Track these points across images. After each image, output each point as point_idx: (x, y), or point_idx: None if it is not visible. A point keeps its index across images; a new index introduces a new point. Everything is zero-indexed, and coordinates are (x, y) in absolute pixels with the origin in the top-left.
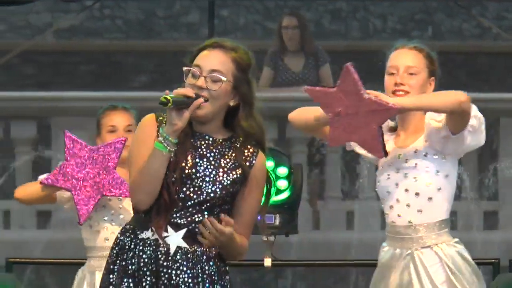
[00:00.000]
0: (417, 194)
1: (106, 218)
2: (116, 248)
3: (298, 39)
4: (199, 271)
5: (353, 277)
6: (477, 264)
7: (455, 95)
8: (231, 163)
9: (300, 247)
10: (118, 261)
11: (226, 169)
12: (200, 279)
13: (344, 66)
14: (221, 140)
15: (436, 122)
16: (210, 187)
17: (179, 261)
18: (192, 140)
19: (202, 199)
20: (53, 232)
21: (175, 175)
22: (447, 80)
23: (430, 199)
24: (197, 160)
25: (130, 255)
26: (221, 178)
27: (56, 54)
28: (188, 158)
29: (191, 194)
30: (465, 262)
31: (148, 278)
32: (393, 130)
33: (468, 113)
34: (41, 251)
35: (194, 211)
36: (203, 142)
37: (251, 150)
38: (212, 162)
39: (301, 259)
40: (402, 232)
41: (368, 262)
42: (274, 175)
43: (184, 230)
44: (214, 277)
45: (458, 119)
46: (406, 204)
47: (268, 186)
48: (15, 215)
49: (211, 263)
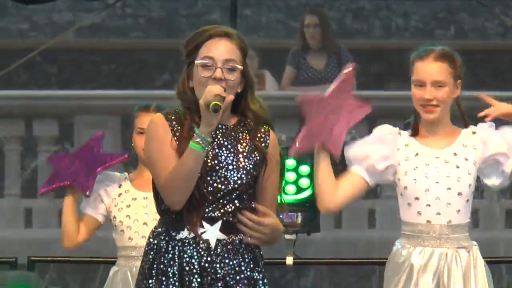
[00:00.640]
0: (459, 194)
1: (130, 218)
2: (151, 252)
3: (320, 37)
4: (240, 259)
5: (375, 275)
6: (500, 263)
7: None
8: (248, 146)
9: (322, 245)
10: (155, 265)
11: (245, 153)
12: (243, 268)
13: (349, 68)
14: (232, 126)
15: (502, 150)
16: (235, 174)
17: (221, 254)
18: None
19: (230, 188)
20: None
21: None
22: (469, 79)
23: (468, 200)
24: (216, 150)
25: (169, 257)
26: (243, 163)
27: (78, 53)
28: (208, 151)
29: (219, 186)
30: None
31: (194, 277)
32: (414, 134)
33: None
34: (63, 249)
35: (225, 202)
36: (218, 132)
37: (262, 130)
38: (231, 150)
39: (323, 257)
40: (439, 231)
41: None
42: (296, 173)
43: (219, 222)
44: (251, 264)
45: None
46: (447, 203)
47: (281, 164)
48: (37, 213)
49: (249, 250)
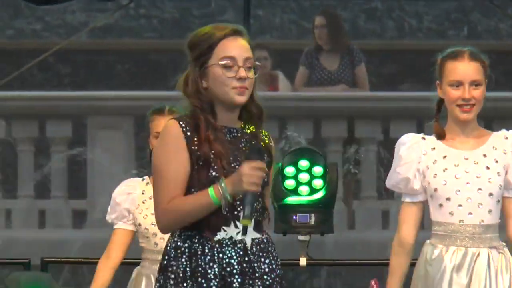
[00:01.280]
0: (490, 194)
1: (155, 225)
2: (184, 256)
3: (326, 38)
4: (271, 257)
5: (388, 276)
6: None
7: None
8: (258, 146)
9: (335, 246)
10: (189, 268)
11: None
12: (274, 266)
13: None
14: (241, 128)
15: None
16: None
17: (256, 253)
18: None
19: None
20: (89, 232)
21: (224, 171)
22: None
23: (498, 201)
24: (236, 152)
25: (207, 259)
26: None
27: (92, 53)
28: (228, 153)
29: None
30: None
31: (234, 278)
32: (440, 137)
33: None
34: (77, 250)
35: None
36: (231, 135)
37: (262, 131)
38: (246, 151)
39: (336, 258)
40: (471, 231)
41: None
42: (309, 174)
43: (253, 222)
44: (278, 261)
45: None
46: (479, 203)
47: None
48: (50, 214)
49: (273, 248)
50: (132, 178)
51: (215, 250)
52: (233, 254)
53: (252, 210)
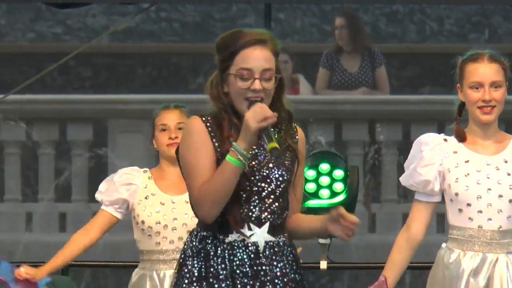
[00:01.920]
0: (510, 201)
1: (160, 223)
2: (198, 256)
3: (347, 39)
4: (285, 262)
5: (408, 279)
6: None
7: None
8: (283, 145)
9: (356, 249)
10: (203, 268)
11: (282, 151)
12: (289, 270)
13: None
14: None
15: None
16: (276, 172)
17: (269, 256)
18: None
19: (274, 185)
20: (110, 235)
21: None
22: None
23: None
24: (256, 150)
25: (219, 261)
26: (282, 161)
27: (113, 57)
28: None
29: (263, 184)
30: None
31: (245, 280)
32: (461, 139)
33: None
34: (98, 254)
35: (270, 201)
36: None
37: (292, 127)
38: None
39: (357, 261)
40: (490, 236)
41: (423, 265)
42: (330, 178)
43: (267, 224)
44: (294, 266)
45: None
46: (498, 209)
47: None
48: (71, 218)
49: (289, 252)
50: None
51: (226, 252)
52: (244, 257)
53: (271, 136)
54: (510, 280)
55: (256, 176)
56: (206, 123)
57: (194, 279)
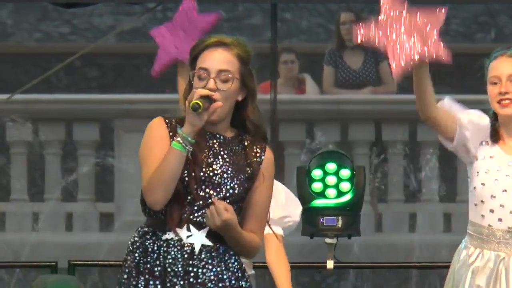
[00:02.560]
0: None
1: None
2: (138, 251)
3: (353, 34)
4: (223, 268)
5: (415, 279)
6: None
7: None
8: (242, 160)
9: (362, 249)
10: (141, 264)
11: (239, 166)
12: (225, 276)
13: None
14: (230, 138)
15: None
16: (228, 183)
17: (204, 259)
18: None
19: (222, 195)
20: (116, 235)
21: (193, 173)
22: None
23: None
24: (212, 159)
25: (155, 256)
26: (237, 174)
27: (119, 57)
28: (203, 157)
29: (211, 191)
30: None
31: (174, 279)
32: (495, 140)
33: None
34: (104, 253)
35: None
36: (215, 141)
37: (259, 146)
38: (227, 160)
39: (363, 261)
40: (499, 236)
41: (430, 265)
42: (337, 177)
43: (207, 229)
44: (238, 273)
45: None
46: (510, 211)
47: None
48: (78, 217)
49: (234, 260)
50: None
51: (162, 249)
52: (178, 255)
53: (203, 99)
54: (510, 281)
55: (206, 182)
56: (168, 123)
57: (134, 274)
